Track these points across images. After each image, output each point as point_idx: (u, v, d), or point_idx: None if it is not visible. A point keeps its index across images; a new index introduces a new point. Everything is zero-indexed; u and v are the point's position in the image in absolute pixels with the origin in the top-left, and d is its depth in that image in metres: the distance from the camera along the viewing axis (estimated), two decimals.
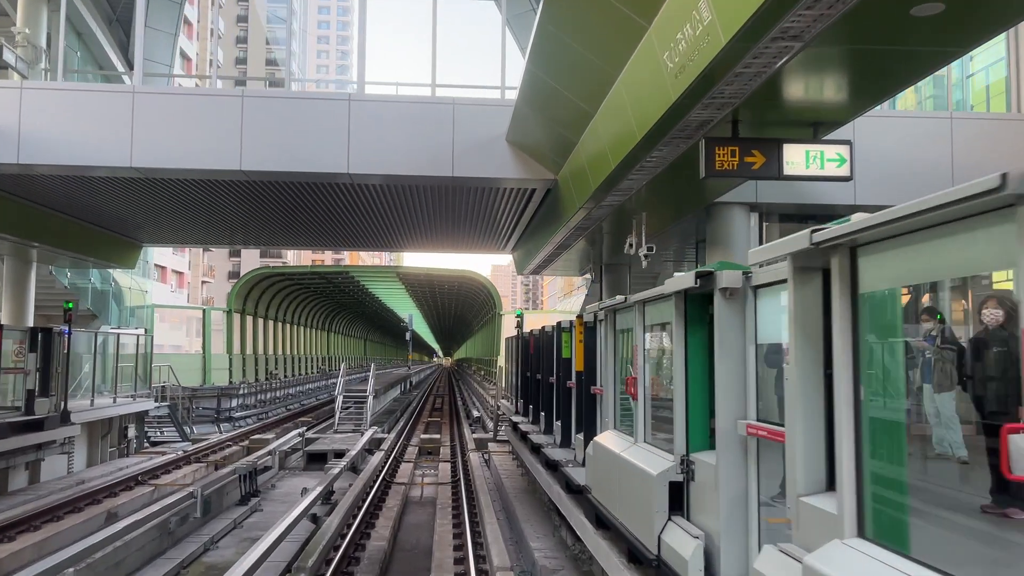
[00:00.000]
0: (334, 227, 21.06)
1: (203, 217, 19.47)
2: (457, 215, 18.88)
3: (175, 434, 27.56)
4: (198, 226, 20.97)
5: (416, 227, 20.84)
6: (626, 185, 11.44)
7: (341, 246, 24.16)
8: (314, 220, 19.88)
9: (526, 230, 20.06)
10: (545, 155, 13.49)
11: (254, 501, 17.88)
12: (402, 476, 21.22)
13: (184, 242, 24.75)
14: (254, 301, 38.21)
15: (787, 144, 8.10)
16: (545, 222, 17.23)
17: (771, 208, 14.62)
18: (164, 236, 22.90)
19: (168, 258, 70.87)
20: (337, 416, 29.24)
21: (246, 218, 19.57)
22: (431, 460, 24.87)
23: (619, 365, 8.03)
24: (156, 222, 20.27)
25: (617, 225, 15.23)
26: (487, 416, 35.33)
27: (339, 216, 19.35)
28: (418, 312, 69.66)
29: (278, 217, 19.46)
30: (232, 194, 16.24)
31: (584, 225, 14.96)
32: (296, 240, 23.54)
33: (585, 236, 16.64)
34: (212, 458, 23.89)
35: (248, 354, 37.52)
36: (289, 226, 20.88)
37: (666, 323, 6.58)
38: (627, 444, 6.92)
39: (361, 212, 18.64)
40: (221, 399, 32.85)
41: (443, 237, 22.51)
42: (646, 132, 8.71)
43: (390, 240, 23.03)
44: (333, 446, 24.78)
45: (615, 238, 17.17)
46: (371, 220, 19.81)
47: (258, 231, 22.05)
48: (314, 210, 18.40)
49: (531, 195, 15.73)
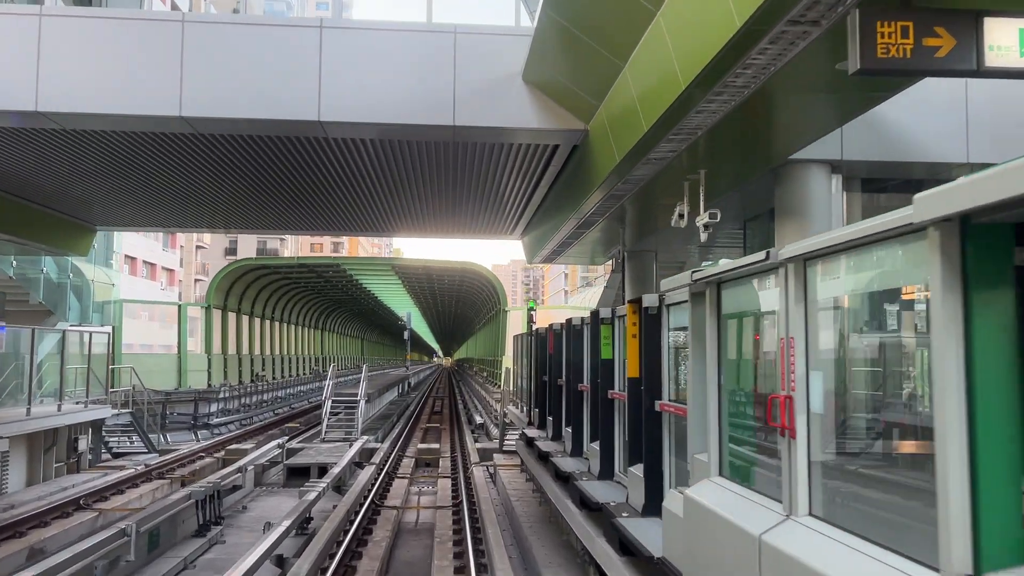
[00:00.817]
0: (314, 205, 18.01)
1: (155, 191, 16.40)
2: (458, 187, 15.85)
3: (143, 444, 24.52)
4: (154, 205, 17.92)
5: (410, 204, 17.80)
6: (692, 124, 8.39)
7: (325, 230, 21.11)
8: (289, 195, 16.81)
9: (540, 206, 17.03)
10: (575, 97, 10.44)
11: (215, 531, 14.87)
12: (395, 496, 18.17)
13: (144, 225, 21.69)
14: (237, 296, 35.06)
15: (990, 18, 5.06)
16: (566, 193, 14.17)
17: (855, 169, 11.55)
18: (119, 217, 19.84)
19: (158, 254, 67.96)
20: (324, 424, 26.19)
21: (205, 192, 16.50)
22: (429, 475, 21.83)
23: (732, 371, 5.01)
24: (103, 199, 17.20)
25: (654, 193, 12.15)
26: (490, 421, 32.32)
27: (317, 190, 16.30)
28: (416, 310, 66.50)
29: (245, 191, 16.40)
30: (178, 155, 13.17)
31: (619, 193, 11.91)
32: (272, 223, 20.48)
33: (614, 212, 13.59)
34: (180, 472, 20.91)
35: (231, 354, 34.40)
36: (261, 205, 17.83)
37: (886, 290, 3.62)
38: (769, 517, 3.88)
39: (342, 182, 15.60)
40: (198, 404, 29.80)
41: (441, 219, 19.48)
42: (749, 16, 5.67)
43: (381, 222, 19.98)
44: (318, 459, 21.75)
45: (648, 211, 14.12)
46: (355, 194, 16.76)
47: (227, 212, 18.99)
48: (286, 181, 15.35)
49: (552, 155, 12.67)
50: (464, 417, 37.27)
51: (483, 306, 44.09)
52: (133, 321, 32.65)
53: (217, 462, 23.51)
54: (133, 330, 31.83)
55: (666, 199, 11.75)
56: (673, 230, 18.00)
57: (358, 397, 27.39)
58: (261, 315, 40.20)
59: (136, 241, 62.84)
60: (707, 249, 22.38)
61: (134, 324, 32.64)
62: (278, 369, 43.96)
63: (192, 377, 31.09)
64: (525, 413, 17.33)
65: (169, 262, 72.31)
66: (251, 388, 36.09)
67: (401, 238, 52.21)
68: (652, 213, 13.66)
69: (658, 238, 18.41)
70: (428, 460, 24.45)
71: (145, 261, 65.16)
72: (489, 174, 14.51)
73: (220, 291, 33.02)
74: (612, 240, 19.15)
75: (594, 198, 12.39)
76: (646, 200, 12.46)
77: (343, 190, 16.30)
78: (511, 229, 20.10)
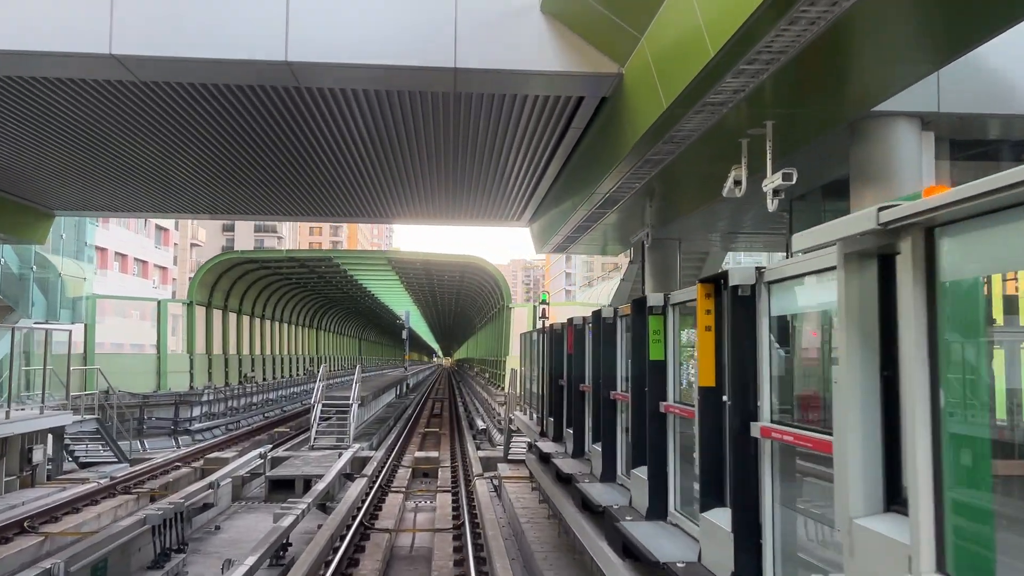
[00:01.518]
0: (297, 185, 15.86)
1: (110, 169, 14.25)
2: (460, 160, 13.73)
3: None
4: (114, 185, 15.76)
5: (405, 184, 15.66)
6: (775, 47, 6.23)
7: (311, 215, 18.92)
8: (265, 171, 14.66)
9: (555, 183, 14.89)
10: (610, 29, 8.28)
11: (175, 561, 12.77)
12: (388, 515, 16.02)
13: (107, 209, 19.49)
14: (223, 293, 32.76)
15: None
16: (588, 163, 12.01)
17: (946, 126, 9.39)
18: (78, 200, 17.64)
19: (149, 252, 65.92)
20: (313, 430, 23.99)
21: (167, 169, 14.34)
22: (426, 488, 19.67)
23: (959, 380, 2.85)
24: (54, 178, 15.03)
25: (701, 157, 9.99)
26: (493, 426, 30.15)
27: (298, 165, 14.17)
28: (415, 308, 64.23)
29: (212, 166, 14.24)
30: (125, 117, 11.01)
31: (656, 157, 9.75)
32: (250, 207, 18.29)
33: (644, 187, 11.43)
34: (150, 486, 18.78)
35: (216, 354, 32.13)
36: (234, 184, 15.67)
37: None
38: None
39: (326, 153, 13.46)
40: (179, 407, 27.62)
41: (441, 202, 17.32)
42: None
43: (374, 205, 17.82)
44: (304, 470, 19.59)
45: (686, 183, 11.97)
46: (342, 167, 14.62)
47: (196, 194, 16.82)
48: (260, 152, 13.22)
49: (573, 112, 10.50)
50: (465, 421, 35.10)
51: (485, 303, 41.86)
52: (118, 319, 30.50)
53: (194, 472, 21.38)
54: (110, 328, 29.65)
55: (716, 164, 9.58)
56: (702, 214, 15.91)
57: (350, 401, 25.22)
58: (251, 313, 37.91)
59: (127, 237, 60.85)
60: (731, 238, 20.20)
61: (114, 322, 30.48)
62: (269, 370, 41.73)
63: (173, 379, 28.87)
64: (536, 422, 15.17)
65: (161, 259, 70.13)
66: (239, 390, 33.89)
67: (398, 225, 50.06)
68: (690, 186, 11.50)
69: (684, 225, 16.25)
70: (426, 470, 22.31)
71: (136, 258, 63.15)
72: (496, 142, 12.37)
73: (204, 286, 30.72)
74: (630, 228, 17.01)
75: (623, 167, 10.25)
76: (687, 167, 10.30)
77: (328, 163, 14.16)
78: (518, 213, 17.93)
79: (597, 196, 12.41)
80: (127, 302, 33.36)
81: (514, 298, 32.17)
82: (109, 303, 29.31)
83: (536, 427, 14.62)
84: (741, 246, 21.61)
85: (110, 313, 30.37)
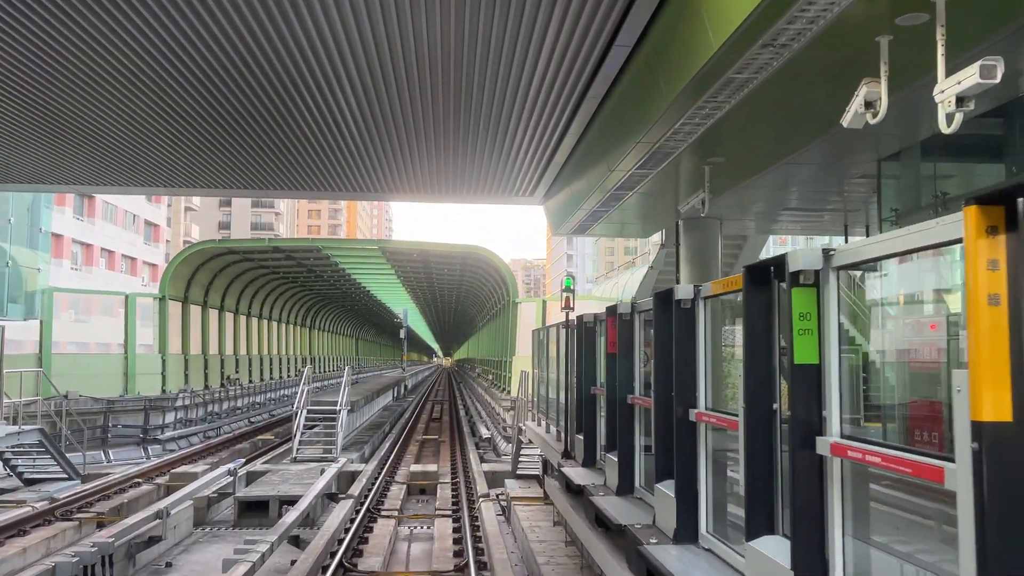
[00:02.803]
0: (280, 151, 13.11)
1: (33, 122, 11.47)
2: (464, 117, 10.97)
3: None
4: (49, 149, 12.97)
5: (401, 150, 12.90)
6: None
7: (298, 189, 16.03)
8: (243, 134, 11.92)
9: (579, 144, 12.13)
10: None
11: None
12: (376, 548, 13.26)
13: (55, 182, 16.53)
14: (202, 287, 29.82)
15: None
16: (629, 103, 9.23)
17: None
18: (15, 172, 14.82)
19: (139, 248, 63.31)
20: (295, 441, 21.24)
21: (112, 128, 11.59)
22: (423, 512, 16.90)
23: None
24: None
25: (822, 67, 7.19)
26: (497, 432, 27.37)
27: (277, 127, 11.45)
28: (414, 307, 61.33)
29: (177, 125, 11.50)
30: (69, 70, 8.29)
31: (740, 75, 6.97)
32: (233, 180, 15.46)
33: (707, 132, 8.65)
34: (101, 508, 16.08)
35: (194, 354, 29.24)
36: (209, 149, 12.92)
37: None
38: None
39: (309, 117, 10.77)
40: (149, 414, 24.83)
41: (442, 173, 14.55)
42: None
43: (367, 178, 15.04)
44: (280, 488, 16.87)
45: (783, 114, 9.20)
46: (328, 136, 11.88)
47: (156, 164, 14.04)
48: (231, 107, 10.49)
49: (619, 22, 7.71)
50: (467, 426, 32.30)
51: (488, 299, 38.95)
52: (85, 316, 27.64)
53: (157, 490, 18.64)
54: (75, 327, 26.84)
55: (819, 88, 6.80)
56: (743, 191, 13.11)
57: (338, 407, 22.45)
58: (235, 310, 35.03)
59: (114, 233, 58.23)
60: (770, 219, 17.36)
61: (81, 319, 27.64)
62: (257, 371, 38.89)
63: (144, 381, 26.04)
64: (555, 437, 12.39)
65: (152, 256, 67.39)
66: (221, 394, 31.07)
67: (396, 203, 47.16)
68: (771, 128, 8.71)
69: (732, 199, 13.49)
70: (423, 486, 19.57)
71: (124, 255, 60.50)
72: (507, 97, 9.66)
73: (179, 279, 27.82)
74: (663, 205, 14.26)
75: (681, 104, 7.49)
76: (779, 96, 7.51)
77: (317, 130, 11.50)
78: (531, 186, 15.12)
79: (633, 157, 9.66)
80: (95, 297, 30.45)
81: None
82: (70, 297, 26.46)
83: (556, 444, 11.83)
84: (782, 228, 18.80)
85: (80, 310, 27.55)
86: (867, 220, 16.32)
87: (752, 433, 4.62)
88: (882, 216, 10.58)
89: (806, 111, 7.99)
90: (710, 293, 5.65)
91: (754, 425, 4.62)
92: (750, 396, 4.65)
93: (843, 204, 15.38)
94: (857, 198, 14.76)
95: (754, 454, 4.59)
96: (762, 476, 4.56)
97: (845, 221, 16.27)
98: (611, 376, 8.24)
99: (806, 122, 8.44)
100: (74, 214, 51.34)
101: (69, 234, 51.13)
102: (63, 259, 49.24)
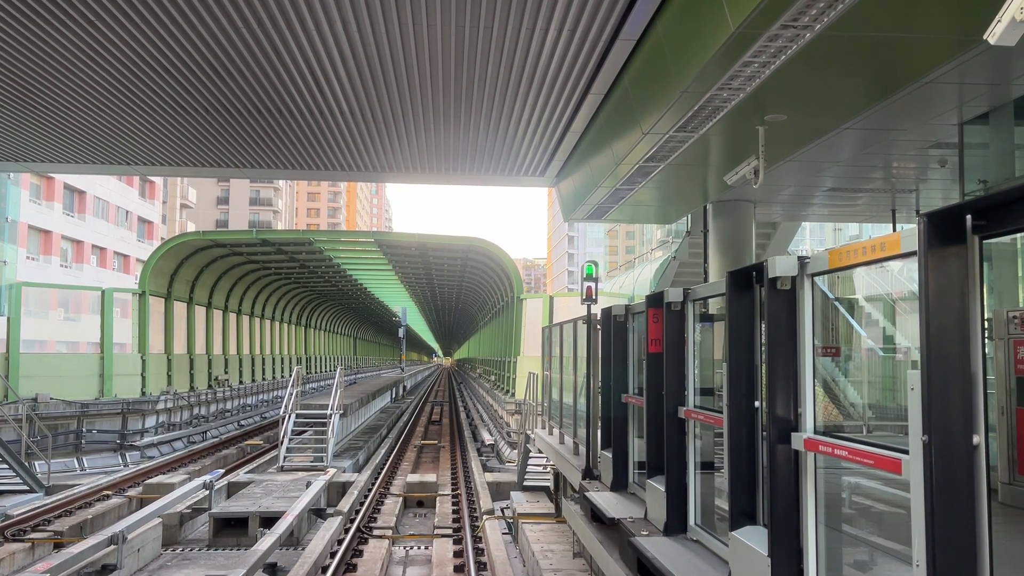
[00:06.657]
0: (271, 128, 11.41)
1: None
2: (467, 85, 9.27)
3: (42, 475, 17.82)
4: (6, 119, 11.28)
5: (401, 125, 11.20)
6: None
7: (290, 168, 14.24)
8: (231, 107, 10.20)
9: (594, 119, 10.43)
10: None
11: None
12: (365, 574, 11.53)
13: (10, 159, 14.76)
14: (187, 282, 27.92)
15: None
16: (652, 75, 7.52)
17: None
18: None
19: (132, 245, 61.56)
20: (282, 448, 19.50)
21: (107, 102, 9.88)
22: (420, 530, 15.18)
23: None
24: None
25: None
26: (501, 438, 25.67)
27: (268, 100, 9.74)
28: (413, 305, 59.52)
29: (158, 97, 9.78)
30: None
31: (805, 21, 5.28)
32: (221, 158, 13.72)
33: (766, 84, 6.96)
34: (58, 526, 14.41)
35: (178, 354, 27.41)
36: (192, 124, 11.22)
37: None
38: None
39: (303, 87, 9.05)
40: (127, 418, 23.13)
41: (445, 152, 12.84)
42: None
43: (364, 156, 13.31)
44: (262, 503, 15.18)
45: (833, 73, 7.50)
46: (323, 109, 10.17)
47: (150, 140, 12.32)
48: (217, 78, 8.78)
49: None
50: (468, 430, 30.58)
51: (490, 295, 37.17)
52: (60, 312, 25.90)
53: (128, 504, 16.94)
54: (48, 324, 25.10)
55: None
56: (802, 158, 11.39)
57: (329, 411, 20.73)
58: (224, 307, 33.24)
59: (106, 230, 56.60)
60: (802, 203, 15.59)
61: (54, 316, 25.89)
62: (248, 372, 37.14)
63: (122, 383, 24.30)
64: (572, 450, 10.69)
65: (145, 254, 65.59)
66: (207, 396, 29.33)
67: (394, 183, 44.79)
68: (877, 60, 6.98)
69: (769, 176, 11.75)
70: (421, 499, 17.87)
71: (116, 252, 58.86)
72: (515, 67, 7.98)
73: (161, 274, 25.96)
74: (693, 185, 12.56)
75: (746, 36, 5.82)
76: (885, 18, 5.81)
77: (311, 103, 9.75)
78: (542, 165, 13.38)
79: (671, 118, 7.96)
80: (83, 294, 28.65)
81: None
82: (42, 293, 24.69)
83: (574, 459, 10.12)
84: (814, 214, 17.04)
85: (52, 306, 25.80)
86: (917, 204, 14.64)
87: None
88: (965, 190, 8.90)
89: (902, 52, 6.29)
90: (824, 267, 3.95)
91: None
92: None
93: (890, 184, 13.66)
94: (907, 176, 13.07)
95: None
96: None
97: (892, 205, 14.57)
98: (654, 382, 6.52)
99: (895, 68, 6.75)
100: (64, 210, 49.77)
101: (58, 230, 49.55)
102: (52, 256, 47.62)
